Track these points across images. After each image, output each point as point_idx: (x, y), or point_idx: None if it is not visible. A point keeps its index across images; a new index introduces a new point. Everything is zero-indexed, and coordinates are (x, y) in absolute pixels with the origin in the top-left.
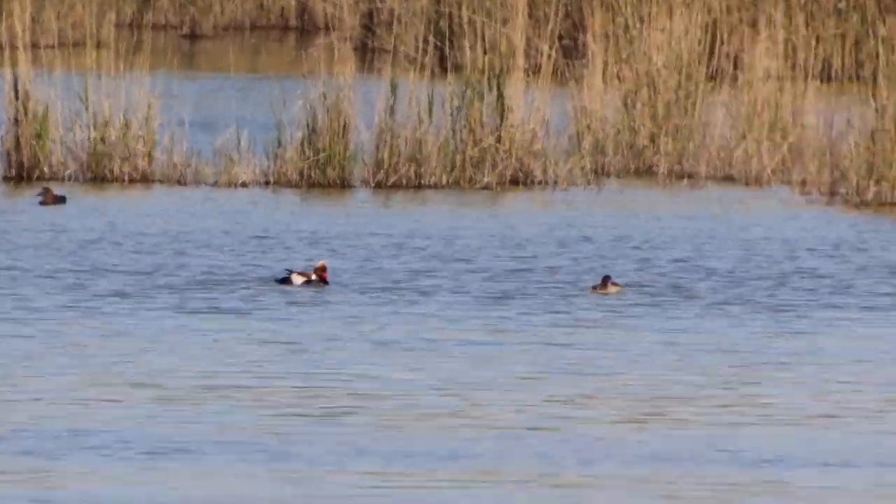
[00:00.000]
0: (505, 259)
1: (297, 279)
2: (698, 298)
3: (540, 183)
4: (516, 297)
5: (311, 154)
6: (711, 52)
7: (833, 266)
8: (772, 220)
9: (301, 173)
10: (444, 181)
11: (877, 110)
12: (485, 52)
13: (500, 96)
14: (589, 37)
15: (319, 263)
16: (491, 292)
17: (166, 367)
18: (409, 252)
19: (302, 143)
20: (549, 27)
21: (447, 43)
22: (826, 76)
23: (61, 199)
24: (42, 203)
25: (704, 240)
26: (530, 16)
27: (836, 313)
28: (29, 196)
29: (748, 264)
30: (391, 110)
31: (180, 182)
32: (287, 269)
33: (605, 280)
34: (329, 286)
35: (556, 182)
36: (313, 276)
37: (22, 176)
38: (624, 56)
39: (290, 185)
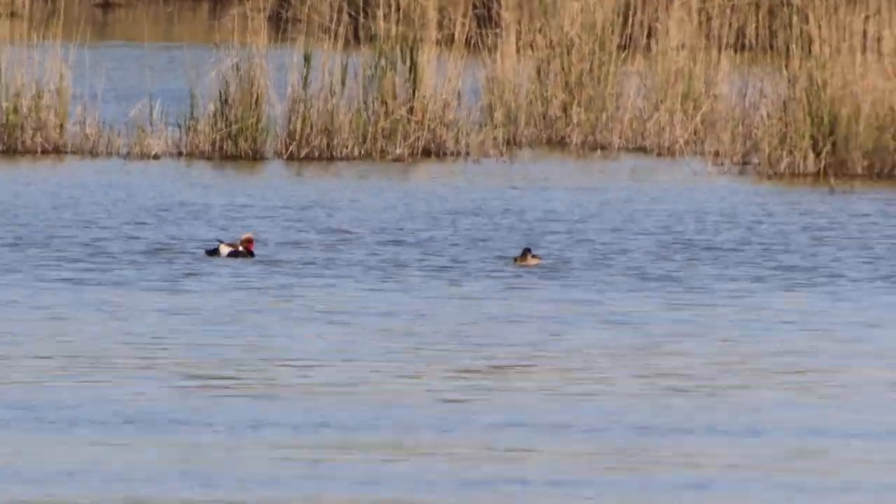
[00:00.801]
0: (418, 230)
1: (224, 250)
2: (610, 270)
3: (452, 154)
4: (431, 269)
5: (224, 125)
6: (625, 22)
7: (742, 236)
8: (684, 191)
9: (213, 144)
10: (356, 153)
11: (789, 80)
12: (398, 22)
13: (413, 66)
14: (502, 6)
15: (245, 235)
16: (404, 263)
17: (78, 338)
18: (322, 224)
19: (214, 115)
20: None
21: (361, 13)
22: (739, 46)
23: None
24: None
25: (617, 212)
26: None
27: (744, 284)
28: None
29: (660, 236)
30: (304, 81)
31: (92, 153)
32: (218, 240)
33: (526, 252)
34: (255, 258)
35: (468, 153)
36: (240, 248)
37: None
38: (537, 25)
39: (202, 156)
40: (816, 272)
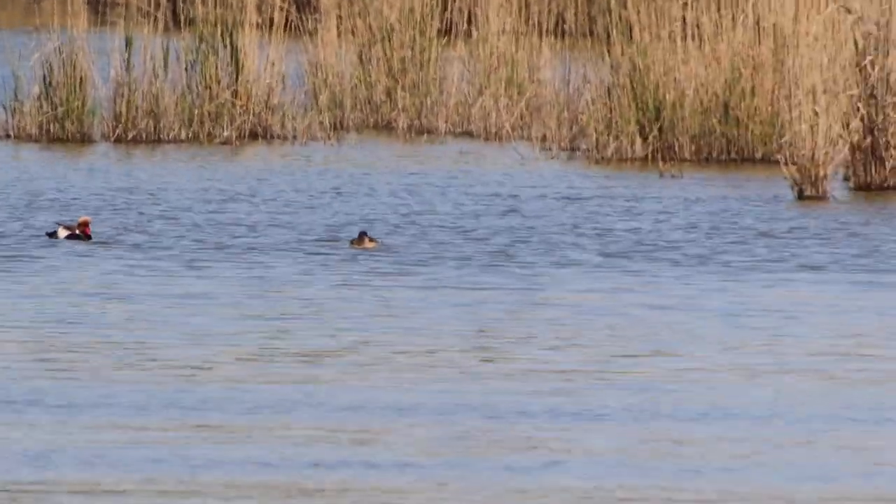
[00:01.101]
0: (252, 213)
1: (62, 233)
2: (438, 252)
3: (279, 138)
4: (265, 251)
5: (49, 108)
6: (444, 7)
7: (566, 220)
8: (510, 175)
9: (41, 127)
10: (182, 136)
11: (612, 66)
12: (216, 6)
13: (234, 51)
14: None
15: (81, 219)
16: (234, 247)
17: None
18: (151, 207)
19: (39, 97)
20: None
21: None
22: (560, 32)
23: None
24: None
25: (444, 195)
26: None
27: (571, 269)
28: None
29: (486, 220)
30: (127, 64)
31: None
32: (57, 223)
33: (362, 235)
34: (91, 240)
35: (295, 137)
36: (77, 231)
37: None
38: (357, 10)
39: (30, 139)
40: (643, 255)
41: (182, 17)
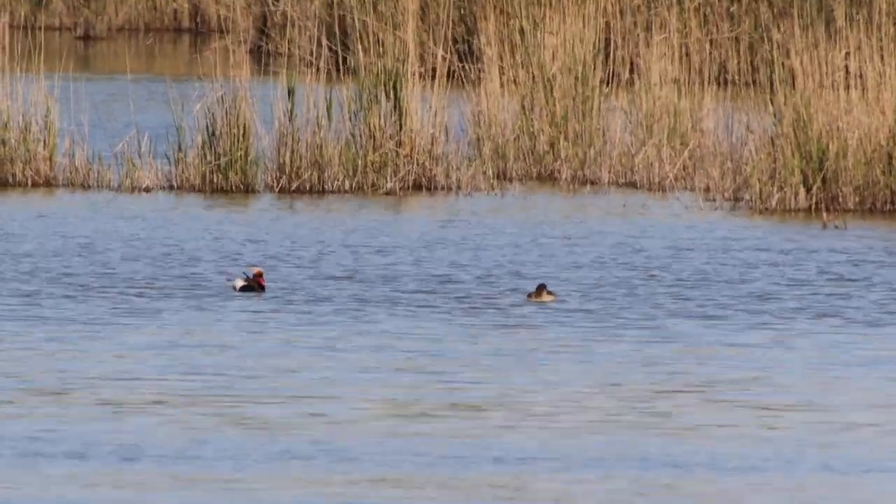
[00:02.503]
0: (421, 265)
1: (238, 283)
2: (609, 307)
3: (443, 188)
4: (436, 304)
5: (213, 158)
6: (607, 57)
7: (727, 272)
8: (674, 227)
9: (203, 178)
10: (346, 186)
11: (775, 115)
12: (379, 56)
13: (397, 101)
14: (483, 40)
15: (255, 270)
16: (405, 301)
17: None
18: (317, 259)
19: (203, 148)
20: (443, 31)
21: (342, 46)
22: (722, 80)
23: None
24: None
25: (610, 247)
26: (423, 20)
27: (730, 322)
28: None
29: (649, 271)
30: (290, 114)
31: (83, 186)
32: (244, 273)
33: (541, 288)
34: (266, 292)
35: (458, 188)
36: (251, 282)
37: None
38: (519, 60)
39: (193, 189)
40: (807, 309)
41: (343, 67)
